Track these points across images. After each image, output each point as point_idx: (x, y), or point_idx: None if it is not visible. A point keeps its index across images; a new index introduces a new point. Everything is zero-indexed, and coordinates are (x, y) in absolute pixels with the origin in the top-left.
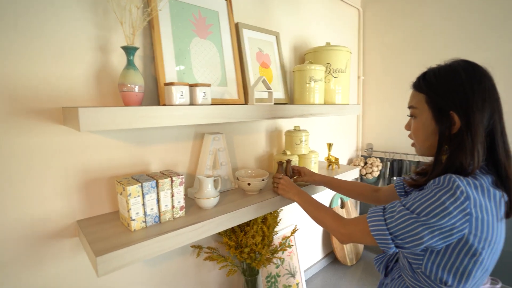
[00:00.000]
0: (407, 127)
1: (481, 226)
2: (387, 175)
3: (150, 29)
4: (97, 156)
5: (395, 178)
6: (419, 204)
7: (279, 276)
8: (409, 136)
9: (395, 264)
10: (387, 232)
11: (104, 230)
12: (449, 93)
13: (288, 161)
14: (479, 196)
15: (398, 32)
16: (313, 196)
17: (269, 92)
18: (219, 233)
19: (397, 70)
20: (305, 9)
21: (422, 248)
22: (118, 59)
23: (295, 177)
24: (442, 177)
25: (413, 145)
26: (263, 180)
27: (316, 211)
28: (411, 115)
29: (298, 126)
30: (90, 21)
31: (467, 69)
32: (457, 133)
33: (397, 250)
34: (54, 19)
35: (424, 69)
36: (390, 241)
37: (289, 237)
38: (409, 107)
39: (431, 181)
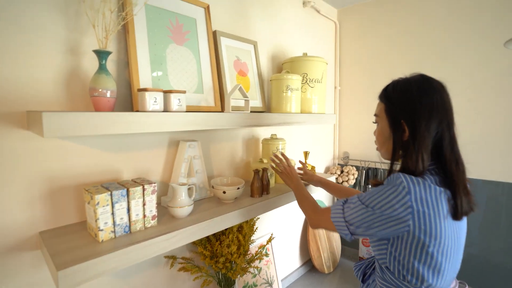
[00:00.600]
0: (374, 133)
1: (423, 219)
2: (362, 183)
3: (125, 33)
4: (64, 163)
5: (370, 186)
6: (370, 197)
7: (256, 285)
8: (375, 141)
9: (372, 271)
10: (343, 220)
11: (68, 241)
12: (401, 104)
13: (264, 169)
14: (421, 191)
15: (371, 45)
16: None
17: (245, 100)
18: (194, 243)
19: (371, 81)
20: (283, 20)
21: (372, 235)
22: (91, 63)
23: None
24: (392, 175)
25: (377, 149)
26: (238, 188)
27: (303, 199)
28: (375, 122)
29: (275, 135)
30: (61, 22)
31: (419, 83)
32: (407, 140)
33: (352, 238)
34: (21, 18)
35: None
36: (346, 228)
37: (265, 245)
38: (374, 115)
39: (386, 180)
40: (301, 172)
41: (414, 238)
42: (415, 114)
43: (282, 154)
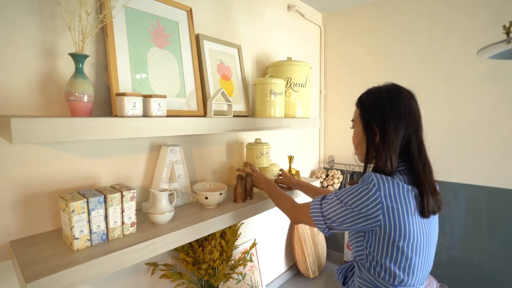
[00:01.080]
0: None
1: (393, 214)
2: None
3: (104, 36)
4: (38, 169)
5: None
6: (345, 194)
7: None
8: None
9: (352, 274)
10: (321, 215)
11: (41, 250)
12: (372, 109)
13: (248, 174)
14: (390, 188)
15: (355, 50)
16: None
17: (228, 104)
18: (176, 249)
19: (355, 85)
20: (268, 24)
21: (347, 229)
22: (66, 66)
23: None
24: (365, 174)
25: (354, 152)
26: (221, 194)
27: (277, 199)
28: (352, 127)
29: (259, 139)
30: (35, 23)
31: (389, 91)
32: (378, 143)
33: (330, 232)
34: None
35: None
36: (323, 223)
37: (248, 251)
38: (351, 120)
39: (360, 179)
40: (280, 175)
41: (385, 234)
42: (384, 118)
43: (246, 163)
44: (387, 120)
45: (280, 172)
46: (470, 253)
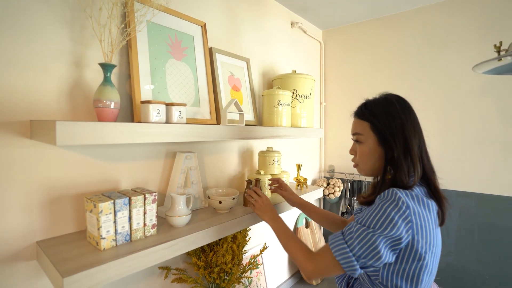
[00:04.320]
0: (352, 152)
1: (421, 231)
2: (347, 195)
3: (128, 48)
4: (63, 173)
5: (355, 197)
6: (371, 218)
7: None
8: (353, 159)
9: (355, 281)
10: (351, 254)
11: (68, 250)
12: (389, 121)
13: (257, 180)
14: (416, 205)
15: (353, 65)
16: (283, 213)
17: (240, 114)
18: (188, 253)
19: (353, 98)
20: (273, 39)
21: (383, 262)
22: (93, 75)
23: (275, 186)
24: (386, 191)
25: (355, 166)
26: (234, 198)
27: (287, 241)
28: (356, 140)
29: (271, 147)
30: (66, 35)
31: (399, 101)
32: (398, 156)
33: (362, 271)
34: (27, 29)
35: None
36: (355, 262)
37: (258, 255)
38: (354, 134)
39: (378, 197)
40: (278, 187)
41: (412, 251)
42: (403, 129)
43: (253, 187)
44: (407, 131)
45: (274, 181)
46: (465, 259)
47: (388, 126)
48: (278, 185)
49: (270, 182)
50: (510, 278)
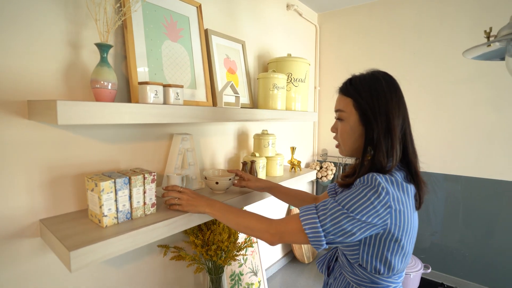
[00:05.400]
0: (334, 129)
1: (399, 216)
2: (339, 178)
3: (123, 28)
4: (63, 153)
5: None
6: (349, 200)
7: (242, 274)
8: (335, 137)
9: (336, 263)
10: (321, 229)
11: (72, 227)
12: (373, 99)
13: (253, 162)
14: (396, 190)
15: (348, 48)
16: (266, 199)
17: (236, 96)
18: (186, 232)
19: None
20: (268, 22)
21: (354, 240)
22: (89, 55)
23: (238, 179)
24: (366, 176)
25: (337, 146)
26: (230, 179)
27: (238, 217)
28: (338, 118)
29: (266, 130)
30: (61, 13)
31: (386, 79)
32: (378, 136)
33: (327, 246)
34: (25, 11)
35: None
36: (323, 238)
37: None
38: (336, 111)
39: (358, 180)
40: (240, 180)
41: (389, 234)
42: (387, 108)
43: (167, 186)
44: (391, 110)
45: (236, 176)
46: (449, 238)
47: (371, 103)
48: (238, 178)
49: (230, 178)
50: (486, 256)
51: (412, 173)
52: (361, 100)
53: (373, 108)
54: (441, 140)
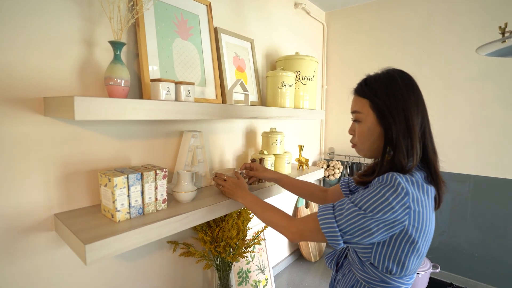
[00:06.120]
0: (351, 131)
1: (418, 217)
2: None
3: (135, 26)
4: (76, 149)
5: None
6: (366, 200)
7: (249, 271)
8: (352, 140)
9: (345, 260)
10: (337, 229)
11: (86, 222)
12: (390, 98)
13: (261, 159)
14: (416, 191)
15: (356, 47)
16: (274, 196)
17: (245, 94)
18: (195, 229)
19: (354, 81)
20: (276, 20)
21: (371, 241)
22: (102, 53)
23: (246, 170)
24: (385, 175)
25: (353, 147)
26: (234, 169)
27: (264, 212)
28: (355, 120)
29: (275, 128)
30: (75, 12)
31: (402, 77)
32: (397, 136)
33: (345, 246)
34: (41, 9)
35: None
36: (340, 237)
37: (262, 230)
38: (353, 112)
39: (376, 179)
40: (248, 172)
41: (405, 235)
42: (405, 107)
43: (217, 173)
44: (409, 109)
45: (248, 165)
46: (457, 238)
47: (388, 103)
48: (246, 171)
49: (235, 169)
50: (496, 256)
51: (431, 173)
52: (377, 101)
53: (391, 108)
54: (450, 139)
